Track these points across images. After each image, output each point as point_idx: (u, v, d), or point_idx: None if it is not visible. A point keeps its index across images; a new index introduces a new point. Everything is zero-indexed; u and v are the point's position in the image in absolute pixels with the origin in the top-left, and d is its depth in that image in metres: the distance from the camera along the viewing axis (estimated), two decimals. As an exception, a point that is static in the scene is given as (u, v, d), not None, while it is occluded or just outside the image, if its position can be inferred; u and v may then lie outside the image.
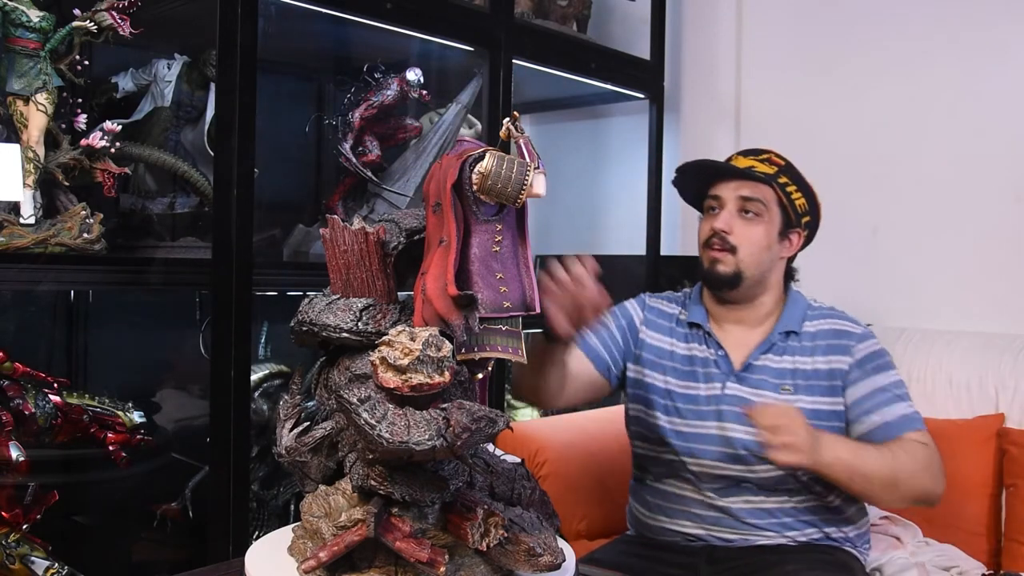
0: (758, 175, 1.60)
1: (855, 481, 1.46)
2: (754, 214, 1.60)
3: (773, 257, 1.63)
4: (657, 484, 1.66)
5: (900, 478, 1.48)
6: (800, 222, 1.64)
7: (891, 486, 1.48)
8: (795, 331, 1.63)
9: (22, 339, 1.95)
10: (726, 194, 1.61)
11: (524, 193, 1.00)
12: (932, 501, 1.54)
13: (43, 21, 1.51)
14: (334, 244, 1.02)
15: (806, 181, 1.64)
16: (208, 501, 1.71)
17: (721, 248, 1.60)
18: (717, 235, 1.60)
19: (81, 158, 1.57)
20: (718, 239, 1.60)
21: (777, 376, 1.60)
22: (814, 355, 1.61)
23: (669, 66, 2.72)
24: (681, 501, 1.63)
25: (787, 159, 1.65)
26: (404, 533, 0.93)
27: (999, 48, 2.20)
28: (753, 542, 1.57)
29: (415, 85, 2.03)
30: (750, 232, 1.60)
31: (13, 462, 1.40)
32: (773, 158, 1.64)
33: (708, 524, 1.60)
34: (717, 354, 1.64)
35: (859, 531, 1.64)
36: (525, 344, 1.02)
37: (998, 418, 1.91)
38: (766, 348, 1.62)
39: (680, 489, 1.63)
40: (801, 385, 1.59)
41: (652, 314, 1.73)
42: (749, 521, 1.57)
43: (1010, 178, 2.17)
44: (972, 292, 2.21)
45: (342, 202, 2.09)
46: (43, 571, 1.42)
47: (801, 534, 1.57)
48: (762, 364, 1.62)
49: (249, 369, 1.70)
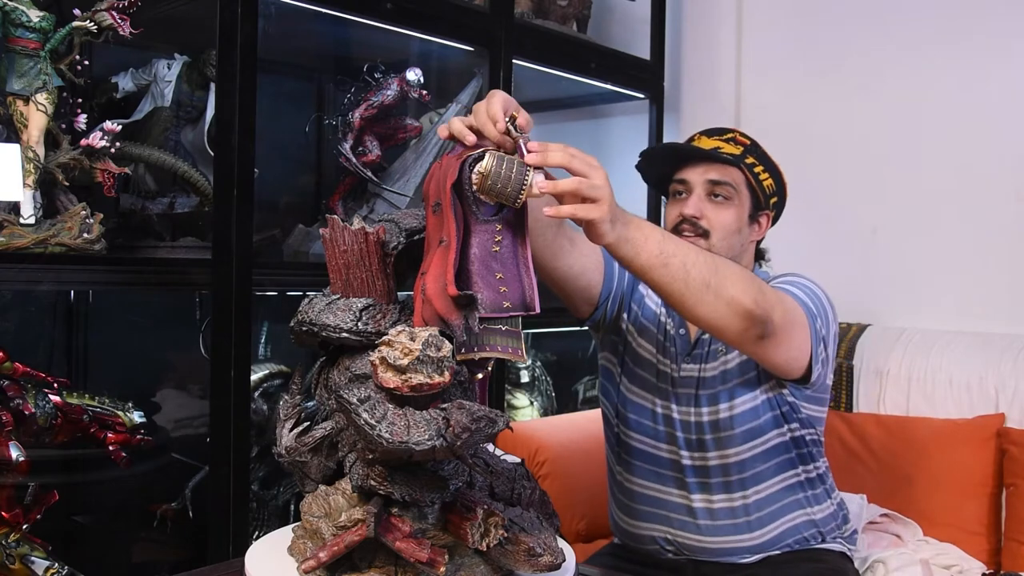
0: (726, 157, 1.55)
1: (672, 267, 1.23)
2: (724, 197, 1.55)
3: (744, 241, 1.59)
4: (624, 480, 1.63)
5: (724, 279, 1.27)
6: (768, 204, 1.60)
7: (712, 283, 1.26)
8: None
9: (22, 339, 1.95)
10: (694, 178, 1.56)
11: (524, 193, 1.00)
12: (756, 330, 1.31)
13: (43, 21, 1.51)
14: (334, 244, 1.02)
15: (772, 161, 1.59)
16: (208, 501, 1.71)
17: (693, 233, 1.54)
18: (687, 220, 1.54)
19: (81, 158, 1.57)
20: (689, 224, 1.54)
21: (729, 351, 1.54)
22: None
23: (669, 66, 2.72)
24: (644, 500, 1.60)
25: (752, 138, 1.59)
26: (404, 533, 0.93)
27: (999, 48, 2.20)
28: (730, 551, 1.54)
29: (415, 85, 2.03)
30: (721, 216, 1.55)
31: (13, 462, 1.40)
32: (738, 137, 1.59)
33: (675, 528, 1.57)
34: (678, 331, 1.60)
35: (836, 501, 1.60)
36: (525, 345, 1.02)
37: (998, 418, 1.91)
38: None
39: (641, 486, 1.60)
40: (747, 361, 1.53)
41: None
42: (711, 522, 1.54)
43: (1010, 178, 2.17)
44: (972, 292, 2.21)
45: (342, 202, 2.09)
46: (43, 571, 1.42)
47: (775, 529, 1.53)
48: (708, 336, 1.56)
49: (249, 369, 1.70)
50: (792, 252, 2.07)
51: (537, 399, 2.63)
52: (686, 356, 1.58)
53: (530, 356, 2.65)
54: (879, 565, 1.68)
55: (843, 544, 1.60)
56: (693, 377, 1.56)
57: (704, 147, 1.58)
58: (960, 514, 1.87)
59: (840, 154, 2.42)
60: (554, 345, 2.76)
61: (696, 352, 1.58)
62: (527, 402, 2.60)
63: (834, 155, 2.42)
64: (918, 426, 1.98)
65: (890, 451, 1.98)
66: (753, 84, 2.64)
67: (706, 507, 1.55)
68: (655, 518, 1.60)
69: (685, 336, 1.60)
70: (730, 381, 1.54)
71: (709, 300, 1.27)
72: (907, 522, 1.88)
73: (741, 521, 1.54)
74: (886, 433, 2.01)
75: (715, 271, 1.27)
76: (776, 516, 1.55)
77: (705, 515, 1.55)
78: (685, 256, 1.24)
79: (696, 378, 1.56)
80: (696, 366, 1.57)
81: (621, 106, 2.84)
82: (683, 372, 1.58)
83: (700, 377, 1.56)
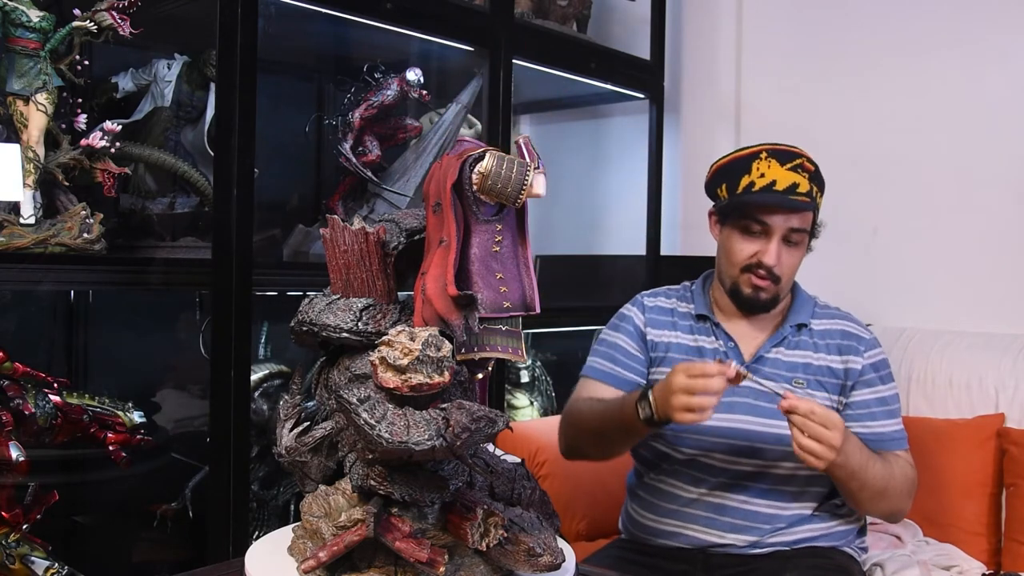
0: (807, 204, 1.55)
1: (852, 483, 1.47)
2: (797, 242, 1.58)
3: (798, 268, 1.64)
4: (656, 482, 1.65)
5: (889, 492, 1.50)
6: (819, 230, 1.64)
7: (879, 497, 1.50)
8: (806, 324, 1.63)
9: (22, 339, 1.95)
10: (776, 223, 1.56)
11: (524, 193, 1.00)
12: (897, 519, 1.62)
13: (43, 21, 1.51)
14: (334, 244, 1.02)
15: (823, 178, 1.61)
16: (208, 501, 1.71)
17: (766, 278, 1.57)
18: (763, 266, 1.56)
19: (81, 158, 1.57)
20: (764, 269, 1.57)
21: (789, 369, 1.60)
22: (827, 352, 1.61)
23: (669, 66, 2.72)
24: (676, 500, 1.62)
25: (813, 160, 1.60)
26: (404, 533, 0.93)
27: (1000, 48, 2.20)
28: (747, 544, 1.56)
29: (415, 85, 2.03)
30: (792, 260, 1.59)
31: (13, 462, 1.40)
32: (806, 164, 1.58)
33: (701, 525, 1.59)
34: (727, 345, 1.63)
35: (855, 526, 1.63)
36: (525, 345, 1.02)
37: (998, 418, 1.91)
38: (778, 341, 1.62)
39: (676, 488, 1.62)
40: (812, 380, 1.59)
41: (652, 313, 1.71)
42: (743, 522, 1.56)
43: (1010, 178, 2.17)
44: (972, 292, 2.21)
45: (342, 202, 2.09)
46: (43, 571, 1.42)
47: (796, 533, 1.57)
48: (774, 357, 1.61)
49: (249, 369, 1.70)
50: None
51: (537, 399, 2.63)
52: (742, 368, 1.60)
53: (530, 356, 2.65)
54: (877, 569, 1.69)
55: (854, 550, 1.62)
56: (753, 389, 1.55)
57: (780, 179, 1.55)
58: (960, 514, 1.87)
59: (840, 154, 2.41)
60: (554, 345, 2.77)
61: (755, 366, 1.60)
62: (527, 402, 2.60)
63: (834, 155, 2.41)
64: (918, 426, 1.97)
65: (890, 451, 1.98)
66: (753, 84, 2.64)
67: (739, 506, 1.57)
68: (677, 515, 1.61)
69: (736, 349, 1.63)
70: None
71: (877, 506, 1.54)
72: (907, 523, 1.88)
73: (767, 526, 1.56)
74: (886, 433, 2.01)
75: (888, 481, 1.50)
76: (800, 522, 1.58)
77: (732, 514, 1.57)
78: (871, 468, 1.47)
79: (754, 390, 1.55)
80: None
81: (621, 106, 2.84)
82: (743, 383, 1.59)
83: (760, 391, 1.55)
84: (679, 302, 1.71)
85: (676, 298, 1.73)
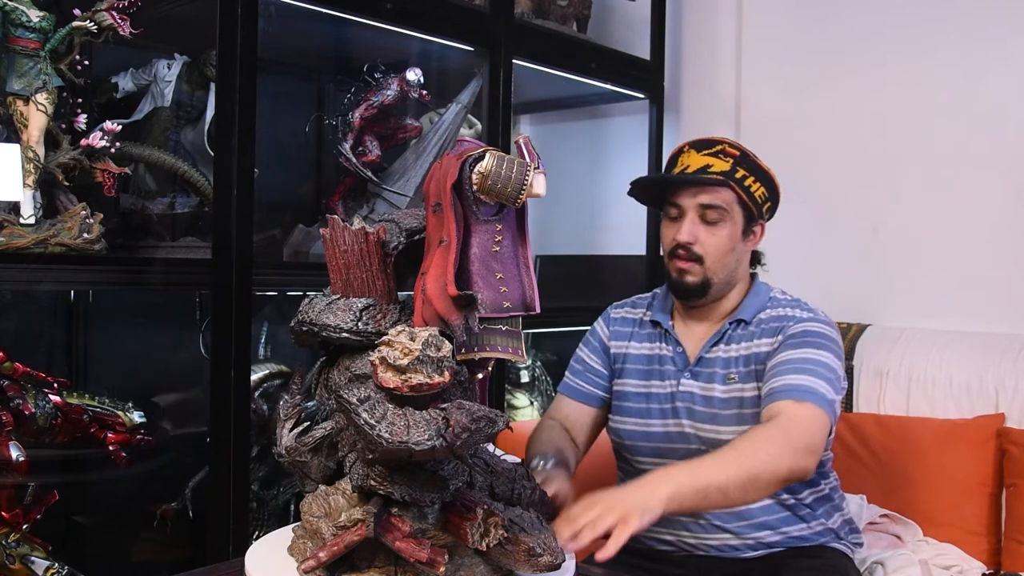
0: (714, 179, 1.54)
1: (711, 498, 1.29)
2: (716, 220, 1.56)
3: (738, 256, 1.60)
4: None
5: (757, 471, 1.32)
6: (762, 213, 1.60)
7: (751, 483, 1.32)
8: (745, 320, 1.60)
9: (22, 339, 1.95)
10: (685, 202, 1.56)
11: (524, 193, 1.00)
12: (802, 478, 1.39)
13: (43, 21, 1.51)
14: (334, 244, 1.02)
15: (762, 167, 1.58)
16: (208, 501, 1.71)
17: (687, 259, 1.56)
18: (681, 246, 1.56)
19: (81, 158, 1.57)
20: (683, 249, 1.56)
21: (725, 366, 1.58)
22: (760, 338, 1.57)
23: (669, 66, 2.72)
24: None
25: (741, 147, 1.58)
26: (404, 533, 0.93)
27: (1000, 48, 2.20)
28: (733, 547, 1.55)
29: (415, 85, 2.03)
30: (714, 239, 1.56)
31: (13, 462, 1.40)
32: (728, 148, 1.57)
33: (683, 529, 1.58)
34: (675, 351, 1.64)
35: (841, 519, 1.62)
36: (525, 345, 1.02)
37: (998, 418, 1.91)
38: (717, 339, 1.60)
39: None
40: (742, 372, 1.56)
41: (616, 324, 1.73)
42: (720, 524, 1.55)
43: (1010, 178, 2.17)
44: (972, 292, 2.21)
45: (342, 202, 2.09)
46: (43, 571, 1.42)
47: (780, 532, 1.55)
48: (713, 356, 1.60)
49: (249, 369, 1.70)
50: (792, 252, 2.07)
51: (537, 399, 2.63)
52: (684, 371, 1.61)
53: (530, 356, 2.65)
54: (878, 567, 1.68)
55: (846, 546, 1.61)
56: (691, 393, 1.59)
57: (693, 163, 1.57)
58: (960, 514, 1.87)
59: (840, 154, 2.42)
60: (554, 345, 2.77)
61: (696, 369, 1.60)
62: (527, 402, 2.60)
63: (834, 155, 2.42)
64: (918, 426, 1.98)
65: (890, 451, 1.98)
66: (753, 84, 2.64)
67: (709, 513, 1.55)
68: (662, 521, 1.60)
69: (683, 354, 1.63)
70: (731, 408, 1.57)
71: (752, 496, 1.37)
72: (907, 522, 1.88)
73: (744, 524, 1.55)
74: (886, 433, 2.00)
75: (748, 473, 1.31)
76: (777, 524, 1.57)
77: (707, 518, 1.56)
78: (718, 481, 1.29)
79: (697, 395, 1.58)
80: (697, 383, 1.59)
81: (621, 106, 2.84)
82: (682, 387, 1.60)
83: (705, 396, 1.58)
84: (646, 310, 1.72)
85: (644, 306, 1.73)
